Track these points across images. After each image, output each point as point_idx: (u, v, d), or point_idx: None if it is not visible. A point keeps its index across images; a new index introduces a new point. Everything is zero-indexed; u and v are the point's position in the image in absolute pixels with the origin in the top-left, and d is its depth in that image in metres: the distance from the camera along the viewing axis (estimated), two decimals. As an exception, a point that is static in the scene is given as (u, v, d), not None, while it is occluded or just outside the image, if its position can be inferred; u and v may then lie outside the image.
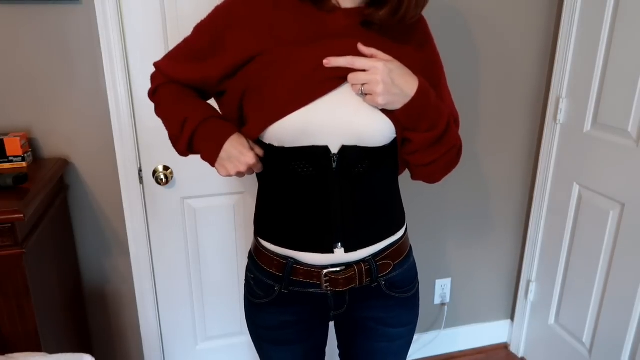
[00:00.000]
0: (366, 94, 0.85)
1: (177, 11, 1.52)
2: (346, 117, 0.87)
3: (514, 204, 2.08)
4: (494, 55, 1.84)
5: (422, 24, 0.99)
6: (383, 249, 0.99)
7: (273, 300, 1.01)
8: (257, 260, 1.03)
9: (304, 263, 0.96)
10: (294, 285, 0.99)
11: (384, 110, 0.88)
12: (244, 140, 0.92)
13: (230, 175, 0.92)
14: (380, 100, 0.84)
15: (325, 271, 0.96)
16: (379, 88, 0.82)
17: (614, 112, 1.62)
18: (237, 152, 0.90)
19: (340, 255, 0.95)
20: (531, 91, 1.93)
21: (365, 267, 0.97)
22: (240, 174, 0.93)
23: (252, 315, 1.07)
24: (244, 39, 0.90)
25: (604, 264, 1.71)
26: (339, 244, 0.94)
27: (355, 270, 0.96)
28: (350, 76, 0.84)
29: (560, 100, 1.83)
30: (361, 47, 0.85)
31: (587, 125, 1.74)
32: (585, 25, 1.71)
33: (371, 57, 0.85)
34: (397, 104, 0.85)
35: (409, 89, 0.84)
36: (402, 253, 1.03)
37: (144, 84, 1.56)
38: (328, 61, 0.85)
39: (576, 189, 1.82)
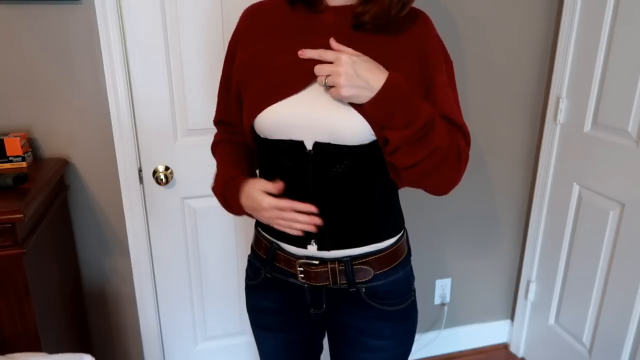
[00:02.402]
0: (330, 87, 0.83)
1: (177, 11, 1.52)
2: (319, 113, 0.87)
3: (514, 204, 2.08)
4: (494, 55, 1.84)
5: (421, 21, 0.95)
6: (364, 254, 0.96)
7: (259, 283, 1.06)
8: (252, 244, 1.09)
9: (285, 250, 0.99)
10: (276, 271, 1.02)
11: (357, 108, 0.85)
12: (251, 191, 0.93)
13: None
14: (343, 92, 0.81)
15: (299, 261, 0.97)
16: (341, 79, 0.80)
17: (614, 112, 1.62)
18: (255, 204, 0.92)
19: (313, 251, 0.96)
20: (531, 91, 1.93)
21: (339, 267, 0.96)
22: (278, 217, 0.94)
23: (246, 296, 1.13)
24: (244, 46, 0.98)
25: (604, 264, 1.71)
26: (312, 241, 0.95)
27: (328, 268, 0.96)
28: (316, 68, 0.84)
29: (560, 100, 1.83)
30: (332, 43, 0.84)
31: (587, 125, 1.74)
32: (585, 25, 1.71)
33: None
34: (362, 97, 0.82)
35: (375, 81, 0.81)
36: (388, 263, 0.98)
37: (144, 84, 1.56)
38: (302, 52, 0.85)
39: (576, 189, 1.82)
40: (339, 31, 0.90)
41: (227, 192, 0.99)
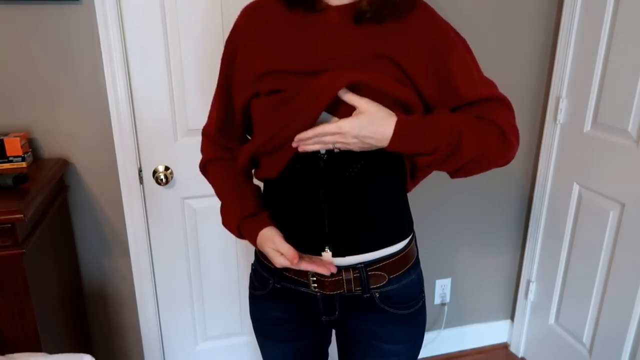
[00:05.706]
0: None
1: (177, 11, 1.52)
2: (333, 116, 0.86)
3: (514, 204, 2.08)
4: (494, 55, 1.84)
5: (420, 7, 0.93)
6: (378, 259, 0.95)
7: (268, 293, 1.03)
8: (257, 253, 1.07)
9: None
10: (286, 281, 1.00)
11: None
12: (266, 246, 0.96)
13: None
14: (356, 150, 0.86)
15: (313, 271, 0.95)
16: (350, 146, 0.85)
17: (614, 112, 1.62)
18: (269, 257, 0.96)
19: (327, 258, 0.94)
20: (531, 91, 1.93)
21: (354, 274, 0.94)
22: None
23: (251, 306, 1.10)
24: (245, 47, 0.95)
25: (604, 264, 1.71)
26: (327, 248, 0.93)
27: (342, 276, 0.94)
28: (323, 139, 0.85)
29: (560, 100, 1.83)
30: (341, 94, 0.83)
31: (587, 125, 1.74)
32: (585, 25, 1.71)
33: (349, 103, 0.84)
34: (378, 147, 0.86)
35: (383, 139, 0.84)
36: (401, 267, 0.97)
37: (144, 84, 1.56)
38: (297, 144, 0.86)
39: (576, 189, 1.82)
40: (343, 30, 0.89)
41: (244, 230, 1.00)
